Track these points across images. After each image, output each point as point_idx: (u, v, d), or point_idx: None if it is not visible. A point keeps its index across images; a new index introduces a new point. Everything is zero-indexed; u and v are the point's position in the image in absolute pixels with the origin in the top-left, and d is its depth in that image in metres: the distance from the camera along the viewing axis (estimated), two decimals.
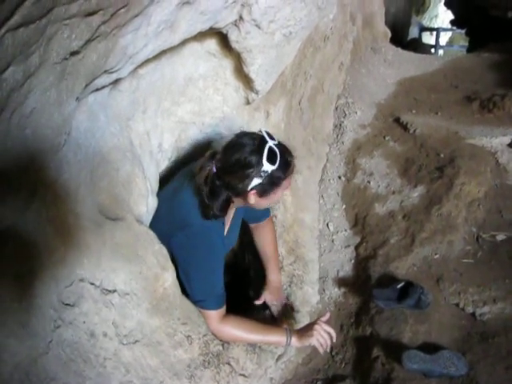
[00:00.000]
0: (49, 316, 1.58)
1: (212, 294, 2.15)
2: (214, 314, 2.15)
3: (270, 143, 2.03)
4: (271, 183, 2.06)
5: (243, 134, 2.11)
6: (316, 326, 2.18)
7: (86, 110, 1.74)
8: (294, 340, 2.20)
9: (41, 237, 1.55)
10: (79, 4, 1.24)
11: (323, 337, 2.16)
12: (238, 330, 2.19)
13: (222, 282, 2.18)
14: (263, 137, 2.05)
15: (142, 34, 1.63)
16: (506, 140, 3.60)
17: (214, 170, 2.06)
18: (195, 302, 2.16)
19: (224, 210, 2.11)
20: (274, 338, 2.23)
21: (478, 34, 8.57)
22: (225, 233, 2.28)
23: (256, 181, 2.01)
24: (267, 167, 2.00)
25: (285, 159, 2.08)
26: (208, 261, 2.15)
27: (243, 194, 2.06)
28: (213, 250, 2.18)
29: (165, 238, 2.14)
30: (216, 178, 2.05)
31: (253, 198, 2.08)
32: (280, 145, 2.07)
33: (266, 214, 2.60)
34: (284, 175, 2.09)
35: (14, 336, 1.48)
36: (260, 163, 2.00)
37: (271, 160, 2.01)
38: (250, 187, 2.02)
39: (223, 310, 2.18)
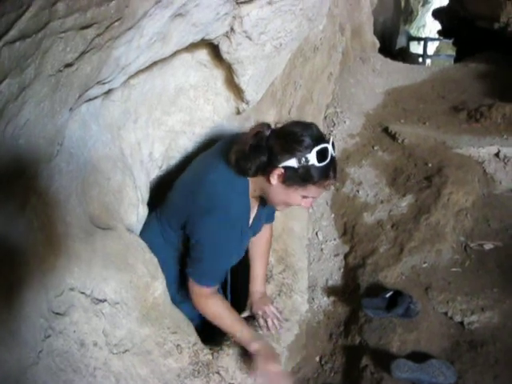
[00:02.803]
0: (39, 325, 1.58)
1: (215, 275, 2.15)
2: (206, 291, 2.13)
3: (329, 147, 1.98)
4: (302, 176, 1.98)
5: (315, 125, 2.09)
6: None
7: (78, 120, 1.76)
8: (255, 349, 2.18)
9: (31, 245, 1.55)
10: (75, 18, 1.25)
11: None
12: (220, 309, 2.17)
13: (228, 266, 2.21)
14: (326, 137, 2.04)
15: (135, 46, 1.65)
16: (493, 150, 3.63)
17: (268, 133, 2.03)
18: (192, 274, 2.13)
19: (256, 172, 2.04)
20: (246, 334, 2.20)
21: (465, 45, 8.66)
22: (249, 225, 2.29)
23: (292, 162, 1.95)
24: (311, 158, 1.94)
25: (328, 168, 2.00)
26: (226, 242, 2.12)
27: (272, 167, 1.99)
28: (234, 233, 2.14)
29: (184, 209, 2.16)
30: (264, 140, 2.01)
31: (275, 179, 2.00)
32: (334, 157, 2.03)
33: (272, 217, 2.57)
34: (317, 178, 1.99)
35: (3, 345, 1.47)
36: (308, 149, 1.94)
37: (320, 156, 1.95)
38: (283, 163, 1.96)
39: (215, 288, 2.18)
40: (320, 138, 1.99)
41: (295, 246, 3.09)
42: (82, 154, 1.83)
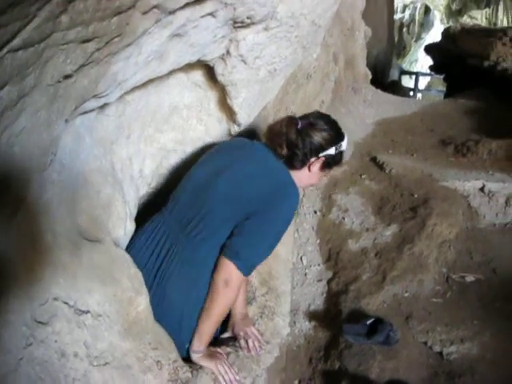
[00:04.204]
0: (21, 333, 1.57)
1: (256, 261, 2.16)
2: (238, 277, 2.13)
3: None
4: (336, 161, 2.35)
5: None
6: (222, 357, 2.26)
7: (72, 132, 1.77)
8: (201, 356, 2.22)
9: (19, 254, 1.55)
10: (77, 31, 1.29)
11: (224, 367, 2.22)
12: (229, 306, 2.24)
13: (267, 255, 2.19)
14: None
15: (133, 63, 1.68)
16: (479, 184, 3.69)
17: (301, 126, 2.26)
18: (236, 254, 2.09)
19: (304, 164, 2.29)
20: (207, 336, 2.24)
21: (456, 81, 8.81)
22: None
23: (331, 151, 2.28)
24: (343, 145, 2.32)
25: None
26: (283, 228, 2.19)
27: (316, 157, 2.27)
28: (290, 219, 2.24)
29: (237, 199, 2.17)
30: (304, 134, 2.24)
31: (317, 167, 2.30)
32: None
33: None
34: (341, 160, 2.39)
35: None
36: (341, 138, 2.32)
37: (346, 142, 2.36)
38: (325, 153, 2.27)
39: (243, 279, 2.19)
40: (340, 129, 2.37)
41: (279, 270, 3.09)
42: (74, 166, 1.84)
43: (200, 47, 2.03)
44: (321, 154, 2.25)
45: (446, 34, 9.39)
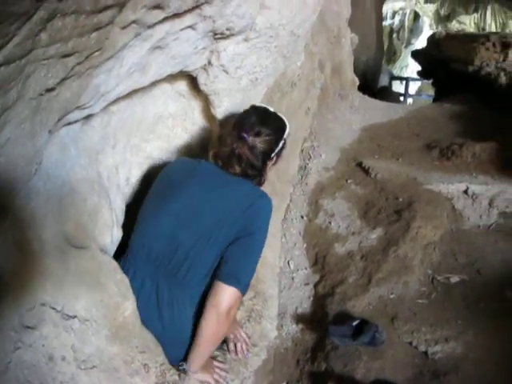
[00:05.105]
0: (9, 337, 1.61)
1: (249, 275, 2.17)
2: (240, 300, 2.15)
3: None
4: (284, 148, 2.33)
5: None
6: (213, 365, 2.30)
7: (57, 143, 1.82)
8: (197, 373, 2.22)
9: (6, 261, 1.59)
10: (56, 47, 1.34)
11: (218, 375, 2.28)
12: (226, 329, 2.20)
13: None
14: None
15: (115, 75, 1.73)
16: (463, 187, 3.74)
17: (250, 141, 2.18)
18: (231, 276, 2.08)
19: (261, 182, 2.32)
20: (207, 357, 2.25)
21: (443, 85, 8.87)
22: None
23: (281, 144, 2.28)
24: (287, 132, 2.30)
25: None
26: (265, 238, 2.21)
27: (271, 158, 2.28)
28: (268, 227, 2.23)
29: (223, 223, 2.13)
30: (252, 149, 2.19)
31: (269, 165, 2.31)
32: None
33: None
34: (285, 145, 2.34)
35: None
36: (285, 129, 2.29)
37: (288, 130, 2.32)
38: (275, 151, 2.27)
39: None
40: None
41: (267, 274, 3.13)
42: (60, 175, 1.89)
43: (182, 58, 2.08)
44: (272, 155, 2.26)
45: (431, 39, 9.44)
